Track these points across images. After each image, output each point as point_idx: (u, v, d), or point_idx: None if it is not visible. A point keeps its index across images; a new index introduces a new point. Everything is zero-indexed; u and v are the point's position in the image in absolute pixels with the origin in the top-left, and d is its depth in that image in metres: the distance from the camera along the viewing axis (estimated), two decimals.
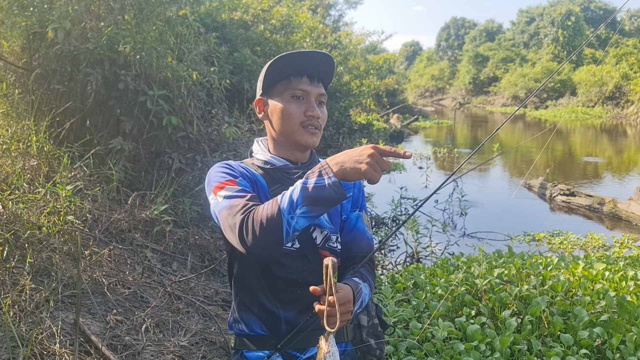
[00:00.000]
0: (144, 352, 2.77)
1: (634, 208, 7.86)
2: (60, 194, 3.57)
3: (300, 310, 1.48)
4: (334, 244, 1.53)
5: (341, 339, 1.54)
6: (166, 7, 5.16)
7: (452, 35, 63.02)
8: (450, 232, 7.13)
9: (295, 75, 1.48)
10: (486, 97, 45.07)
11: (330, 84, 1.57)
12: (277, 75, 1.50)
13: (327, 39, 12.46)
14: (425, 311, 3.50)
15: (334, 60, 1.55)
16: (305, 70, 1.48)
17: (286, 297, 1.47)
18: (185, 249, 4.37)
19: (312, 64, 1.48)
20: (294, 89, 1.47)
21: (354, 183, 1.62)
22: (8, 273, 2.80)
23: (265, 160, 1.53)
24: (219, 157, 5.37)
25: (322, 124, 1.52)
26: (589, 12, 47.64)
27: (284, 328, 1.49)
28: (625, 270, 4.11)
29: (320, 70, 1.50)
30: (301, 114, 1.47)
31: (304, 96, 1.48)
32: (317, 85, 1.49)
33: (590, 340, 2.87)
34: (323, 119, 1.51)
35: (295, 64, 1.48)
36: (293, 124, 1.47)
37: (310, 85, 1.48)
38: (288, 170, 1.50)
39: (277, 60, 1.47)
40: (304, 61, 1.48)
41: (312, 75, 1.49)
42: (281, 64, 1.47)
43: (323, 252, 1.50)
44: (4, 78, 4.75)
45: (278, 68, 1.49)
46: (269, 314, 1.49)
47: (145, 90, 4.80)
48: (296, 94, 1.48)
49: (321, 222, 1.51)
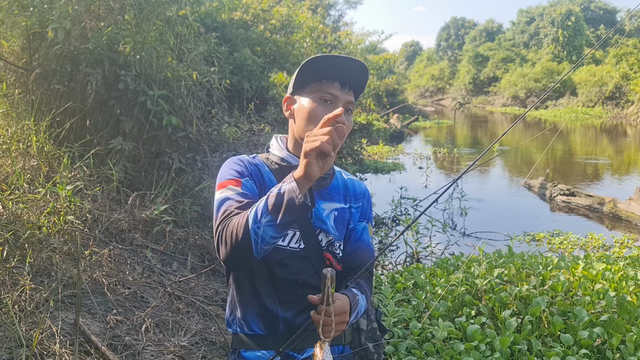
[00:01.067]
0: (144, 352, 2.77)
1: (634, 208, 7.86)
2: (60, 194, 3.57)
3: (299, 310, 1.48)
4: (337, 250, 1.53)
5: (339, 341, 1.55)
6: (166, 7, 5.16)
7: (452, 35, 63.03)
8: (450, 232, 7.13)
9: (327, 79, 1.46)
10: (486, 97, 45.07)
11: (361, 94, 1.53)
12: (310, 76, 1.48)
13: (327, 39, 12.45)
14: (425, 311, 3.50)
15: (368, 71, 1.52)
16: (339, 76, 1.46)
17: (286, 297, 1.47)
18: (185, 249, 4.37)
19: (346, 71, 1.46)
20: (324, 92, 1.45)
21: (363, 194, 1.62)
22: (8, 273, 2.80)
23: (282, 157, 1.52)
24: (219, 157, 5.36)
25: (345, 133, 1.42)
26: (589, 12, 47.64)
27: (281, 328, 1.49)
28: (625, 270, 4.11)
29: (354, 78, 1.47)
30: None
31: (332, 101, 1.45)
32: (347, 92, 1.47)
33: (590, 340, 2.87)
34: (348, 127, 1.45)
35: (330, 68, 1.45)
36: (316, 125, 1.44)
37: (341, 92, 1.46)
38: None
39: (313, 60, 1.45)
40: (338, 66, 1.45)
41: (345, 82, 1.46)
42: (316, 65, 1.45)
43: (326, 254, 1.51)
44: (4, 78, 4.75)
45: (312, 69, 1.46)
46: (268, 313, 1.49)
47: (145, 90, 4.80)
48: (325, 97, 1.45)
49: (327, 228, 1.51)
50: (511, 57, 45.88)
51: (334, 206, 1.54)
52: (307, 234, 1.47)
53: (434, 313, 3.33)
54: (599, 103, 32.26)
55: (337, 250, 1.53)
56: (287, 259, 1.46)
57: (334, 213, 1.54)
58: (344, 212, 1.57)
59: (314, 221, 1.49)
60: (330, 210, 1.53)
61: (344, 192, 1.59)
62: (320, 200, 1.53)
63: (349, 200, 1.59)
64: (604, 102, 31.99)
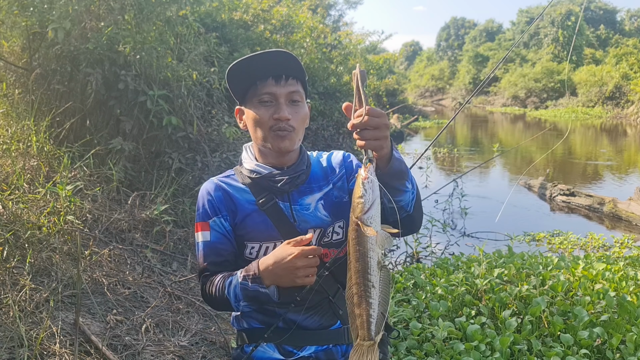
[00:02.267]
0: (144, 352, 2.77)
1: (634, 208, 7.86)
2: (60, 194, 3.57)
3: (297, 310, 1.49)
4: (329, 236, 1.49)
5: (342, 340, 1.54)
6: (166, 7, 5.16)
7: (452, 35, 63.03)
8: (450, 232, 7.13)
9: (260, 79, 1.41)
10: (486, 97, 45.05)
11: (305, 76, 1.47)
12: (244, 82, 1.44)
13: (327, 39, 12.44)
14: (425, 311, 3.50)
15: (293, 55, 1.46)
16: (269, 71, 1.40)
17: (284, 299, 1.44)
18: (185, 249, 4.37)
19: (274, 63, 1.40)
20: (260, 94, 1.41)
21: (340, 161, 1.57)
22: (8, 273, 2.80)
23: (251, 170, 1.50)
24: (219, 157, 5.37)
25: (296, 125, 1.44)
26: (588, 12, 47.62)
27: (280, 325, 1.50)
28: (625, 270, 4.11)
29: (286, 67, 1.41)
30: (270, 118, 1.41)
31: (271, 99, 1.41)
32: (284, 84, 1.41)
33: (590, 340, 2.87)
34: (297, 118, 1.43)
35: (256, 67, 1.40)
36: (264, 130, 1.43)
37: (277, 86, 1.41)
38: (272, 178, 1.46)
39: (234, 67, 1.41)
40: (264, 62, 1.40)
41: (279, 74, 1.41)
42: (241, 70, 1.41)
43: (323, 250, 1.46)
44: (4, 78, 4.75)
45: (241, 74, 1.43)
46: (267, 311, 1.51)
47: (145, 90, 4.80)
48: (263, 98, 1.41)
49: (314, 224, 1.48)
50: (511, 57, 45.85)
51: (318, 196, 1.51)
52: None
53: (434, 313, 3.33)
54: (599, 103, 32.25)
55: (329, 236, 1.49)
56: None
57: (321, 202, 1.50)
58: (331, 193, 1.52)
59: (298, 224, 1.47)
60: (316, 201, 1.50)
61: (323, 175, 1.55)
62: (302, 197, 1.49)
63: (331, 179, 1.54)
64: (604, 102, 31.98)
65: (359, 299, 1.22)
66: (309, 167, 1.53)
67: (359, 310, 1.22)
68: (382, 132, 1.19)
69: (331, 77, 10.71)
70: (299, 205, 1.48)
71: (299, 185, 1.49)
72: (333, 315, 1.53)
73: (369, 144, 1.19)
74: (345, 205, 1.51)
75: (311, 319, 1.51)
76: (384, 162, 1.24)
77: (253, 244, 1.47)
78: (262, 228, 1.46)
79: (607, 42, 43.55)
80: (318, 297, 1.50)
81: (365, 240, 1.19)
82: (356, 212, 1.20)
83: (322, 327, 1.52)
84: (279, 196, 1.48)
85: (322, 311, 1.52)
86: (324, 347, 1.53)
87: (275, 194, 1.47)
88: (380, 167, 1.24)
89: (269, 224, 1.46)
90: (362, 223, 1.19)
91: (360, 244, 1.20)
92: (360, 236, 1.19)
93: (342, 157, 1.58)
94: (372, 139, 1.19)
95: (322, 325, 1.52)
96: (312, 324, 1.52)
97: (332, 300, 1.51)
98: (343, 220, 1.50)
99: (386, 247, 1.22)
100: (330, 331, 1.53)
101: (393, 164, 1.26)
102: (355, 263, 1.21)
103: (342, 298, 1.51)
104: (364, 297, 1.21)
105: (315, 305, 1.51)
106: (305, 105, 1.48)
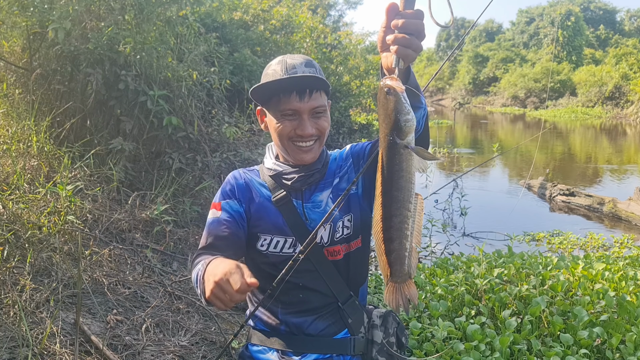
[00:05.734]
0: (144, 352, 2.77)
1: (633, 208, 7.86)
2: (61, 194, 3.57)
3: (299, 313, 1.47)
4: (341, 231, 1.47)
5: (347, 351, 1.49)
6: (166, 7, 5.17)
7: (452, 36, 63.02)
8: (450, 232, 7.13)
9: (284, 93, 1.41)
10: (486, 97, 45.06)
11: (329, 86, 1.47)
12: (268, 92, 1.44)
13: (327, 39, 12.45)
14: (425, 311, 3.50)
15: (314, 62, 1.47)
16: (293, 86, 1.40)
17: (287, 299, 1.46)
18: (185, 249, 4.37)
19: (298, 78, 1.40)
20: (284, 109, 1.42)
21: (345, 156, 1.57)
22: (8, 273, 2.80)
23: (270, 168, 1.53)
24: (219, 157, 5.37)
25: (322, 134, 1.46)
26: (588, 12, 47.64)
27: (282, 329, 1.49)
28: (625, 270, 4.11)
29: (308, 80, 1.40)
30: (291, 131, 1.43)
31: (294, 114, 1.42)
32: (308, 99, 1.41)
33: (590, 340, 2.87)
34: (321, 128, 1.45)
35: (282, 81, 1.40)
36: (284, 141, 1.45)
37: (301, 102, 1.40)
38: (285, 176, 1.49)
39: (254, 90, 1.42)
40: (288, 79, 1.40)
41: (302, 89, 1.40)
42: (265, 86, 1.42)
43: (328, 249, 1.47)
44: (5, 78, 4.75)
45: (263, 89, 1.43)
46: (271, 312, 1.50)
47: (145, 91, 4.80)
48: (286, 112, 1.42)
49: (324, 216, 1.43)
50: (511, 57, 45.88)
51: (329, 191, 1.51)
52: (304, 237, 1.44)
53: (433, 313, 3.34)
54: (599, 103, 32.25)
55: (340, 232, 1.47)
56: (283, 263, 1.44)
57: (330, 197, 1.50)
58: (338, 186, 1.52)
59: (309, 223, 1.47)
60: (327, 197, 1.50)
61: (336, 170, 1.56)
62: (314, 195, 1.50)
63: (339, 172, 1.55)
64: (603, 102, 31.99)
65: (397, 233, 1.07)
66: (325, 165, 1.53)
67: (393, 245, 1.09)
68: (419, 40, 1.07)
69: (331, 77, 10.71)
70: (311, 202, 1.49)
71: (312, 183, 1.49)
72: (340, 322, 1.48)
73: (402, 51, 1.05)
74: (353, 197, 1.50)
75: (315, 324, 1.47)
76: (403, 75, 1.12)
77: (265, 235, 1.48)
78: (275, 222, 1.47)
79: (606, 42, 43.57)
80: (323, 300, 1.46)
81: (406, 160, 1.02)
82: (388, 126, 1.01)
83: (326, 334, 1.48)
84: (293, 194, 1.49)
85: (327, 317, 1.48)
86: (327, 355, 1.47)
87: (290, 191, 1.49)
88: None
89: (281, 219, 1.47)
90: (397, 135, 1.01)
91: (398, 164, 1.02)
92: (397, 155, 1.02)
93: (349, 148, 1.59)
94: (409, 47, 1.05)
95: (327, 332, 1.48)
96: (315, 330, 1.47)
97: (341, 307, 1.47)
98: (351, 214, 1.48)
99: (420, 171, 1.06)
100: (335, 340, 1.48)
101: (412, 76, 1.16)
102: (395, 192, 1.05)
103: (353, 306, 1.48)
104: (401, 229, 1.07)
105: (317, 308, 1.47)
106: (328, 111, 1.49)
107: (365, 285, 1.58)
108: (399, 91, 1.01)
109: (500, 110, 38.00)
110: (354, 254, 1.49)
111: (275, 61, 1.46)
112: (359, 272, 1.52)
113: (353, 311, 1.47)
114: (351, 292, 1.49)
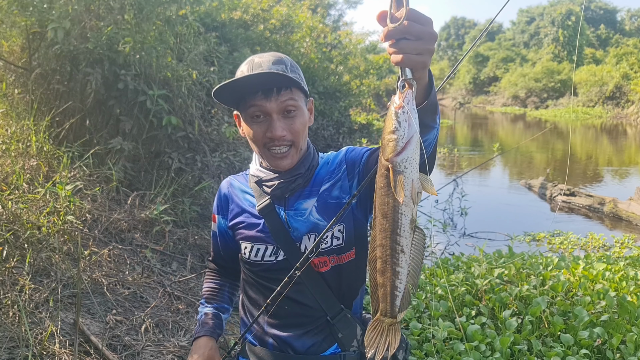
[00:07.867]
0: (143, 352, 2.77)
1: (634, 208, 7.86)
2: (60, 193, 3.56)
3: (285, 326, 1.40)
4: (330, 241, 1.35)
5: None
6: (166, 6, 5.16)
7: (452, 35, 63.08)
8: (450, 232, 7.13)
9: (249, 93, 1.29)
10: (486, 97, 45.07)
11: (301, 81, 1.33)
12: (234, 93, 1.32)
13: (327, 39, 12.44)
14: (425, 311, 3.50)
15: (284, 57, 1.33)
16: (258, 85, 1.27)
17: (272, 310, 1.37)
18: (184, 249, 4.36)
19: (262, 75, 1.26)
20: (252, 111, 1.30)
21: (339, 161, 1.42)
22: (8, 273, 2.79)
23: (253, 174, 1.46)
24: (218, 157, 5.36)
25: (294, 137, 1.32)
26: (589, 12, 47.63)
27: (270, 343, 1.43)
28: (625, 270, 4.11)
29: (275, 77, 1.26)
30: (263, 136, 1.32)
31: (263, 114, 1.30)
32: (276, 97, 1.28)
33: (591, 341, 2.87)
34: (294, 130, 1.31)
35: (245, 85, 1.28)
36: (260, 147, 1.35)
37: (267, 101, 1.28)
38: (266, 182, 1.40)
39: (216, 92, 1.29)
40: (252, 79, 1.27)
41: (268, 87, 1.27)
42: (228, 87, 1.28)
43: (319, 258, 1.36)
44: (4, 78, 4.75)
45: (227, 92, 1.30)
46: (258, 325, 1.46)
47: (145, 90, 4.80)
48: (254, 113, 1.30)
49: (307, 225, 1.37)
50: (511, 57, 45.90)
51: (315, 199, 1.39)
52: (287, 247, 1.37)
53: (434, 313, 3.33)
54: (599, 103, 32.25)
55: (328, 242, 1.35)
56: (266, 272, 1.41)
57: (314, 205, 1.38)
58: (327, 194, 1.39)
59: (292, 232, 1.37)
60: (312, 206, 1.38)
61: (326, 176, 1.42)
62: (298, 202, 1.39)
63: (330, 178, 1.41)
64: (604, 102, 31.98)
65: (383, 265, 0.99)
66: (311, 170, 1.41)
67: (382, 278, 1.00)
68: (426, 44, 0.89)
69: (331, 76, 10.71)
70: (293, 210, 1.38)
71: (295, 190, 1.39)
72: (330, 338, 1.39)
73: (407, 58, 0.88)
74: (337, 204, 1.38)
75: (302, 340, 1.39)
76: (422, 89, 0.96)
77: (246, 243, 1.43)
78: (256, 230, 1.41)
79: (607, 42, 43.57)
80: (310, 313, 1.38)
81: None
82: (386, 153, 0.93)
83: (314, 351, 1.39)
84: (277, 201, 1.40)
85: (316, 332, 1.39)
86: None
87: (273, 198, 1.41)
88: (417, 97, 0.95)
89: (264, 227, 1.40)
90: (394, 168, 0.92)
91: (389, 195, 0.94)
92: (389, 186, 0.94)
93: (344, 152, 1.44)
94: (412, 52, 0.88)
95: (315, 350, 1.39)
96: (302, 347, 1.39)
97: (331, 322, 1.38)
98: (343, 225, 1.36)
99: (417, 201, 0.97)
100: (323, 357, 1.39)
101: (432, 92, 0.99)
102: (382, 219, 0.97)
103: (344, 320, 1.38)
104: (390, 263, 0.98)
105: (305, 323, 1.39)
106: (304, 110, 1.36)
107: (360, 299, 1.47)
108: (394, 106, 0.93)
109: (501, 110, 38.01)
110: (346, 267, 1.39)
111: (244, 62, 1.36)
112: (352, 285, 1.42)
113: (344, 325, 1.38)
114: (343, 305, 1.40)
